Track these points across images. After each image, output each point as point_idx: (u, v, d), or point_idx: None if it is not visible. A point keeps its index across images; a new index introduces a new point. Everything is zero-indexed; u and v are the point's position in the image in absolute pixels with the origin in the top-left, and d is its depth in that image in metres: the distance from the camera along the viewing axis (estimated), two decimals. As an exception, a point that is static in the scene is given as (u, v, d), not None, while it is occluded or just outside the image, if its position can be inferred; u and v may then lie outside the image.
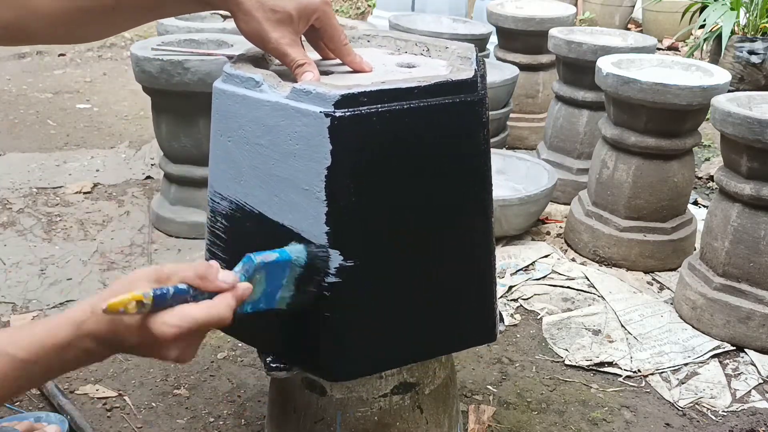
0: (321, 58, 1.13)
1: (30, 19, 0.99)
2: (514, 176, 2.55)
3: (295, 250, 0.94)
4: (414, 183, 0.97)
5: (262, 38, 1.00)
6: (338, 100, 0.89)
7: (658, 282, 2.21)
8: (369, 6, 5.91)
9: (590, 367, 1.79)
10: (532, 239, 2.43)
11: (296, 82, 0.97)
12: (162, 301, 0.79)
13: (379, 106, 0.91)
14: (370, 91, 0.91)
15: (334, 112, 0.89)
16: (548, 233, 2.49)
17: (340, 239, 0.93)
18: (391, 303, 1.00)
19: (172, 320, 0.79)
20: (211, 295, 0.83)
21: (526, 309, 2.04)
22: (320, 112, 0.89)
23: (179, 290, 0.81)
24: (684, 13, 4.53)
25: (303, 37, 1.12)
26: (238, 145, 1.01)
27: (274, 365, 1.05)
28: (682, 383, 1.76)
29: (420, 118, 0.94)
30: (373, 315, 0.99)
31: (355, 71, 1.08)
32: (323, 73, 1.08)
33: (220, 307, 0.82)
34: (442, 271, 1.03)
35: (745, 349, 1.87)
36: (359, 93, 0.90)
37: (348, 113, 0.89)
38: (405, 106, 0.92)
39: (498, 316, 1.13)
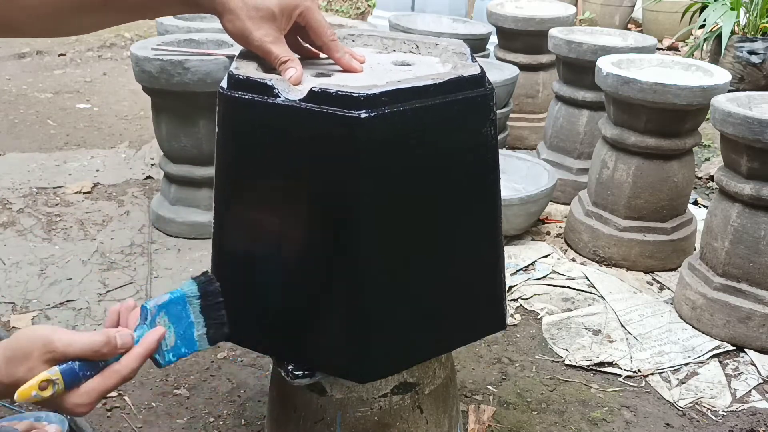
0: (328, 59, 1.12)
1: (17, 12, 0.98)
2: (514, 176, 2.55)
3: (185, 285, 0.96)
4: (431, 178, 0.97)
5: (246, 37, 1.01)
6: (361, 102, 0.87)
7: (658, 282, 2.21)
8: (369, 6, 5.91)
9: (590, 367, 1.79)
10: (532, 239, 2.43)
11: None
12: (73, 379, 0.82)
13: (400, 105, 0.90)
14: (390, 90, 0.90)
15: (358, 113, 0.87)
16: (548, 233, 2.49)
17: (359, 242, 0.93)
18: (409, 299, 1.00)
19: (82, 399, 0.84)
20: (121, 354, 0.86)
21: (526, 309, 2.04)
22: (342, 114, 0.88)
23: (83, 366, 0.83)
24: (684, 13, 4.53)
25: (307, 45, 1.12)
26: (249, 151, 0.99)
27: (297, 373, 1.02)
28: (682, 383, 1.76)
29: (436, 115, 0.94)
30: (394, 312, 0.99)
31: (344, 70, 1.07)
32: (322, 75, 1.08)
33: (129, 367, 0.87)
34: (458, 262, 1.04)
35: (745, 349, 1.87)
36: (380, 93, 0.89)
37: (371, 114, 0.88)
38: (422, 104, 0.92)
39: (507, 305, 1.15)
